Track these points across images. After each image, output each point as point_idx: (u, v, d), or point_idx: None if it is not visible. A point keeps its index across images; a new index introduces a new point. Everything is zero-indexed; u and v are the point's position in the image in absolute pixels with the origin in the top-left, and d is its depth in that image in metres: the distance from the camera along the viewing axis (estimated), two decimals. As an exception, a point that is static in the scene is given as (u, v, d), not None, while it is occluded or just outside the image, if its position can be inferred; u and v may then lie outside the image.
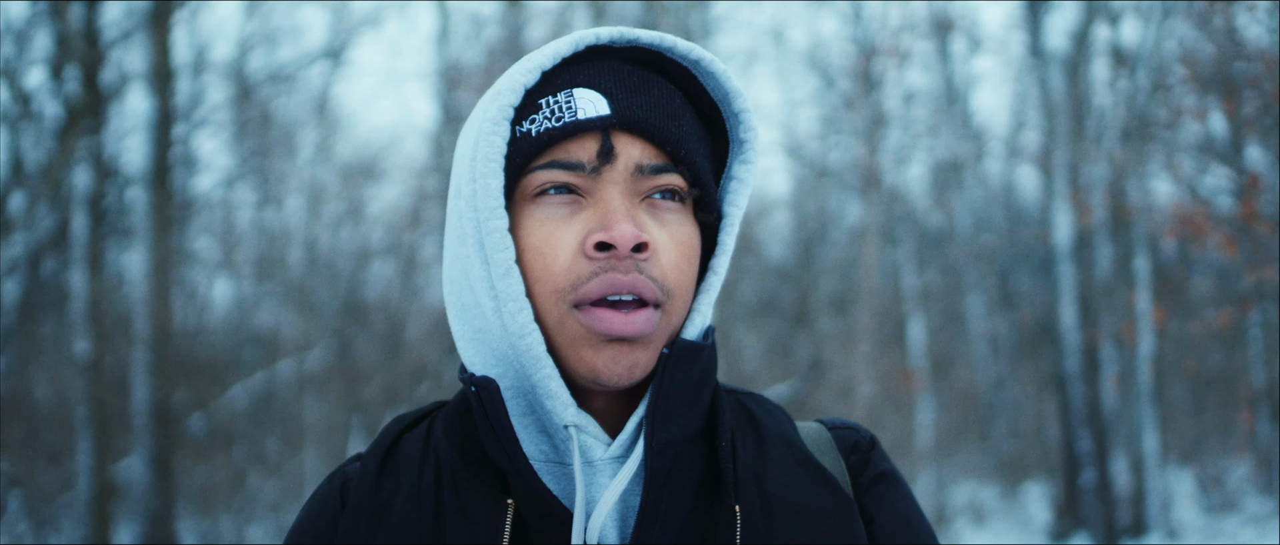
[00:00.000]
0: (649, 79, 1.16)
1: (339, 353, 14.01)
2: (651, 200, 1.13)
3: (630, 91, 1.13)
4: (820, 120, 18.70)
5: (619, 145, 1.11)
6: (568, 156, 1.11)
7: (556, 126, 1.11)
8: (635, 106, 1.12)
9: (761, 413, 1.25)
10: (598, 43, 1.15)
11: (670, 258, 1.11)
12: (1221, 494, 14.91)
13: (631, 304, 1.09)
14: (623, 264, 1.08)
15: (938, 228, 19.26)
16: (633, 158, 1.11)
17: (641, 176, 1.12)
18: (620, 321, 1.08)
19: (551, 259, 1.10)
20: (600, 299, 1.08)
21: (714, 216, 1.18)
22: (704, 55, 1.17)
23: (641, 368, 1.10)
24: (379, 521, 1.16)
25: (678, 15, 12.58)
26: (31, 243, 12.56)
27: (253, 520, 14.13)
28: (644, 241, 1.08)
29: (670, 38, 1.17)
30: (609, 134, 1.11)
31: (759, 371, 15.28)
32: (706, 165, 1.17)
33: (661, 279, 1.10)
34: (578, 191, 1.11)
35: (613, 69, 1.15)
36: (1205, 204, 11.17)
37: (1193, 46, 11.55)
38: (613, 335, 1.08)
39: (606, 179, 1.11)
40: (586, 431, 1.12)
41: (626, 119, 1.11)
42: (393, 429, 1.26)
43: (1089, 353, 14.47)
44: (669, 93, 1.16)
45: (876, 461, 1.25)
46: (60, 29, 12.69)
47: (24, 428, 12.81)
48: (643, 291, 1.08)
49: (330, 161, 16.56)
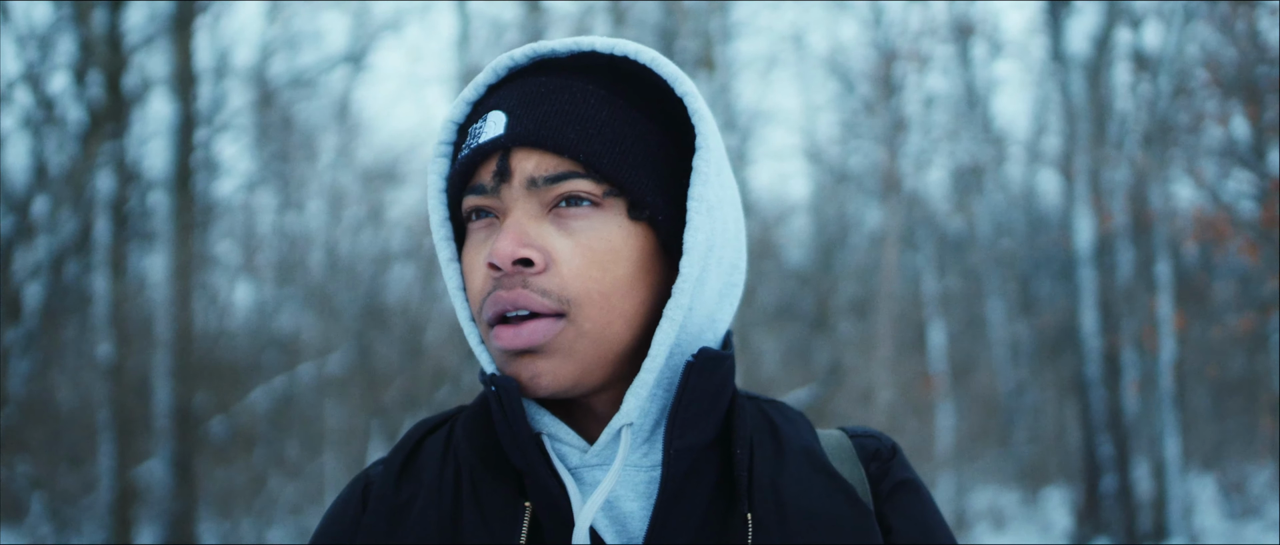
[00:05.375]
0: (561, 87, 1.14)
1: (359, 356, 14.04)
2: (558, 210, 1.12)
3: (531, 105, 1.13)
4: (840, 125, 18.68)
5: (515, 161, 1.11)
6: (479, 180, 1.13)
7: (466, 154, 1.14)
8: (528, 120, 1.12)
9: (782, 420, 1.24)
10: (515, 64, 1.18)
11: (572, 267, 1.10)
12: (1243, 500, 14.85)
13: (525, 318, 1.10)
14: (509, 281, 1.10)
15: (958, 232, 19.23)
16: (526, 171, 1.11)
17: (537, 188, 1.11)
18: (508, 335, 1.10)
19: (472, 283, 1.14)
20: (497, 317, 1.11)
21: (648, 214, 1.14)
22: (630, 48, 1.16)
23: (548, 377, 1.11)
24: (399, 522, 1.17)
25: (697, 20, 12.59)
26: (54, 246, 12.63)
27: (273, 523, 14.16)
28: (524, 256, 1.09)
29: (589, 40, 1.17)
30: (507, 153, 1.12)
31: (778, 376, 15.26)
32: (635, 162, 1.13)
33: (557, 289, 1.10)
34: (494, 213, 1.13)
35: (521, 86, 1.16)
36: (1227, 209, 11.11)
37: (1215, 50, 11.50)
38: (508, 350, 1.11)
39: (507, 198, 1.12)
40: (559, 439, 1.14)
41: (517, 135, 1.11)
42: (416, 432, 1.27)
43: (1110, 358, 14.41)
44: (581, 96, 1.14)
45: (897, 470, 1.24)
46: (83, 34, 12.76)
47: (46, 430, 12.88)
48: (529, 305, 1.09)
49: (351, 166, 16.59)
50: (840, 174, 18.57)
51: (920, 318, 16.80)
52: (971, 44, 17.97)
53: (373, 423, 13.75)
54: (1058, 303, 18.48)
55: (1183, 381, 15.17)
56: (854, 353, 14.78)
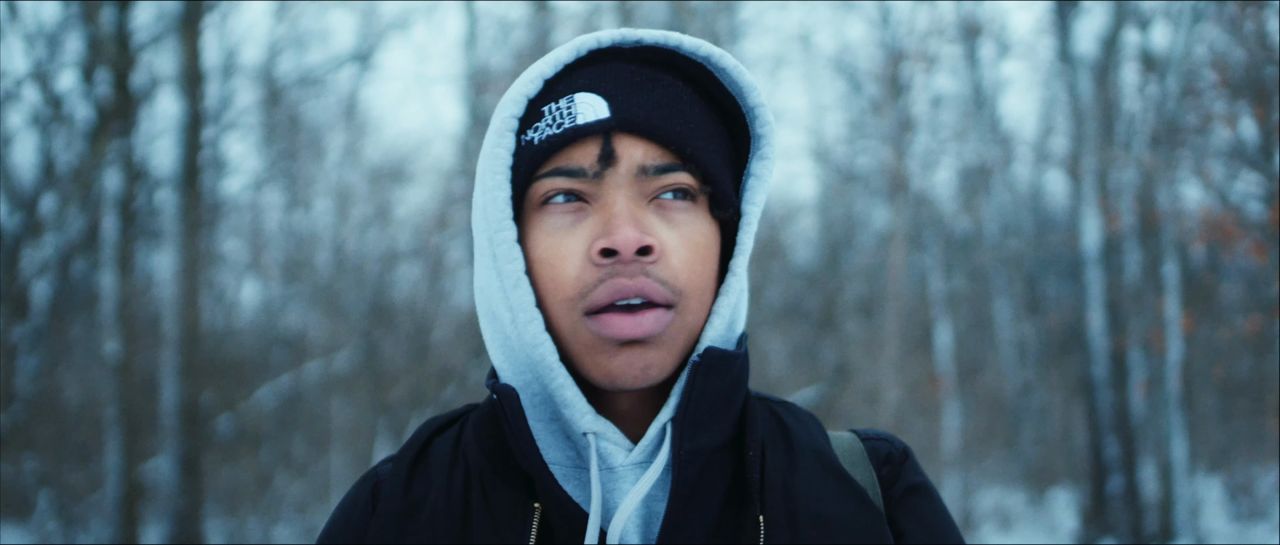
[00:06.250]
0: (653, 78, 1.15)
1: (366, 355, 14.04)
2: (660, 201, 1.12)
3: (632, 92, 1.12)
4: (847, 124, 18.65)
5: (620, 148, 1.10)
6: (570, 163, 1.10)
7: (557, 133, 1.10)
8: (636, 107, 1.11)
9: (793, 422, 1.24)
10: (599, 46, 1.15)
11: (680, 257, 1.11)
12: (1250, 501, 14.82)
13: (640, 306, 1.08)
14: (628, 268, 1.08)
15: (965, 233, 19.18)
16: (635, 159, 1.10)
17: (646, 177, 1.11)
18: (628, 325, 1.08)
19: (560, 269, 1.10)
20: (609, 305, 1.08)
21: (730, 213, 1.17)
22: (713, 51, 1.16)
23: (656, 368, 1.10)
24: (409, 523, 1.17)
25: (705, 19, 12.58)
26: (62, 244, 12.66)
27: (279, 521, 14.18)
28: (648, 245, 1.08)
29: (676, 36, 1.16)
30: (610, 137, 1.10)
31: (785, 376, 15.25)
32: (720, 161, 1.16)
33: (671, 280, 1.09)
34: (583, 197, 1.11)
35: (614, 71, 1.14)
36: (1235, 210, 11.10)
37: (1223, 51, 11.49)
38: (623, 339, 1.08)
39: (609, 183, 1.10)
40: (606, 438, 1.12)
41: (626, 120, 1.10)
42: (424, 431, 1.26)
43: (1117, 359, 14.39)
44: (676, 90, 1.15)
45: (908, 474, 1.24)
46: (91, 32, 12.79)
47: (53, 427, 12.92)
48: (650, 294, 1.08)
49: (358, 164, 16.60)
50: (847, 174, 18.55)
51: (927, 318, 16.77)
52: (979, 44, 17.95)
53: (379, 421, 13.75)
54: (1065, 303, 18.44)
55: (1190, 383, 15.15)
56: (860, 353, 14.75)
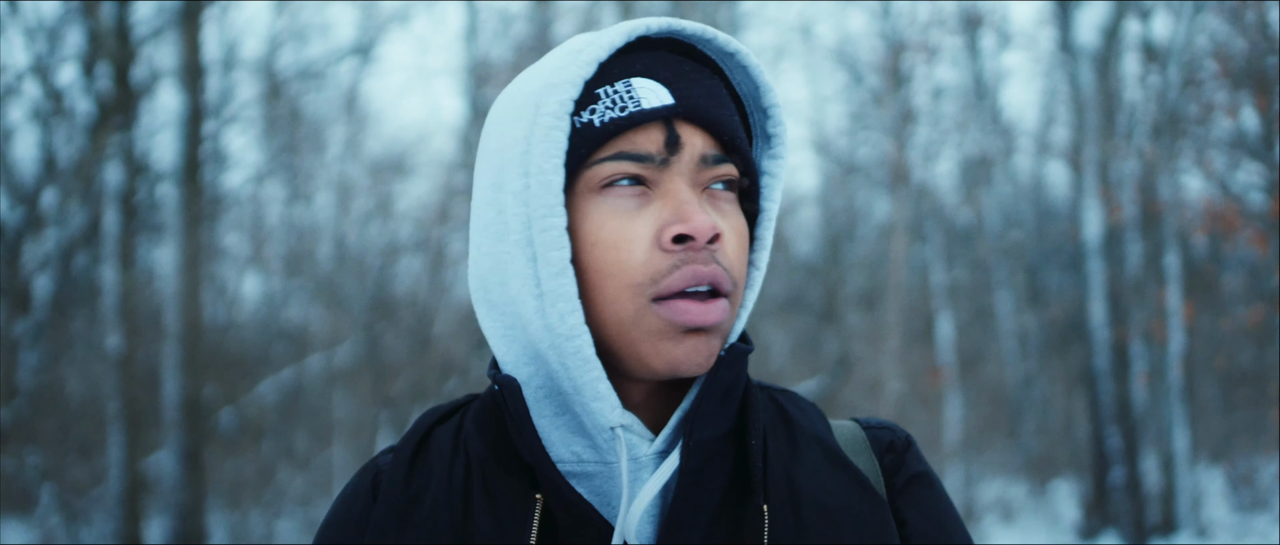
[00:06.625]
0: (698, 69, 1.15)
1: (367, 348, 14.05)
2: (711, 191, 1.12)
3: (687, 81, 1.12)
4: (849, 116, 18.66)
5: (683, 135, 1.10)
6: (635, 147, 1.09)
7: (621, 116, 1.08)
8: (696, 96, 1.11)
9: (795, 410, 1.24)
10: (647, 33, 1.14)
11: (733, 248, 1.11)
12: (1252, 492, 14.80)
13: (707, 294, 1.09)
14: (701, 255, 1.07)
15: (966, 224, 19.17)
16: (697, 148, 1.10)
17: (705, 167, 1.11)
18: (700, 312, 1.07)
19: (627, 253, 1.08)
20: (681, 291, 1.08)
21: (757, 207, 1.19)
22: (741, 48, 1.16)
23: (713, 357, 1.11)
24: (409, 515, 1.17)
25: (705, 12, 12.57)
26: (63, 238, 12.66)
27: (282, 515, 14.20)
28: (720, 232, 1.08)
29: (711, 30, 1.16)
30: (673, 124, 1.10)
31: (787, 367, 15.27)
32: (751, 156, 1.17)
33: (731, 269, 1.10)
34: (645, 183, 1.10)
35: (665, 59, 1.14)
36: (1236, 200, 11.10)
37: (1224, 41, 11.48)
38: (693, 326, 1.08)
39: (673, 170, 1.10)
40: (632, 430, 1.11)
41: (690, 108, 1.10)
42: (424, 421, 1.26)
43: (1119, 350, 14.38)
44: (715, 82, 1.15)
45: (911, 462, 1.24)
46: (92, 26, 12.78)
47: (56, 422, 12.93)
48: (720, 282, 1.08)
49: (359, 157, 16.60)
50: (849, 165, 18.55)
51: (928, 309, 16.79)
52: (980, 35, 17.93)
53: (381, 415, 13.77)
54: (1066, 294, 18.42)
55: (1192, 373, 15.15)
56: (862, 344, 14.78)
